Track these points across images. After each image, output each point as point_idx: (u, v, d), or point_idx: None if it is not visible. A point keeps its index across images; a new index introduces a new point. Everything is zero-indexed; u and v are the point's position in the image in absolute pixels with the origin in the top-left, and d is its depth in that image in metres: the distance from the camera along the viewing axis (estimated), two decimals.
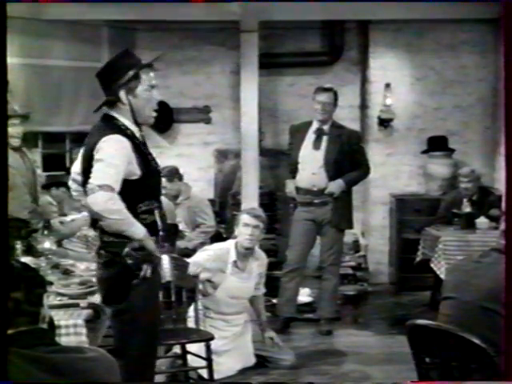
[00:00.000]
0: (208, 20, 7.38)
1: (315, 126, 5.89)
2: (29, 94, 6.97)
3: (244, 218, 4.94)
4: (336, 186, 5.78)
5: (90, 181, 3.14)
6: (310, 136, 5.88)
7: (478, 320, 2.93)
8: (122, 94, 3.30)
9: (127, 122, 3.33)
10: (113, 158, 3.16)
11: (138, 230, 3.19)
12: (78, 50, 7.41)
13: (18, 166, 5.49)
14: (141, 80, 3.32)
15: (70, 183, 3.58)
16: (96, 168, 3.16)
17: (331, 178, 5.78)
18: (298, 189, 5.92)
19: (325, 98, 5.83)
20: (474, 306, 2.97)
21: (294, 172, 5.97)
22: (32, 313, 2.04)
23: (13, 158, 5.17)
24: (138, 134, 3.34)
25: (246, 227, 4.89)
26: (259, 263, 5.07)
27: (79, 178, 3.45)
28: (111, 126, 3.30)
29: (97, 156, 3.19)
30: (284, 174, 7.91)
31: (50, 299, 3.58)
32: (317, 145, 5.83)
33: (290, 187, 5.96)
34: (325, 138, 5.83)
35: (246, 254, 4.95)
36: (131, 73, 3.29)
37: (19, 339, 1.97)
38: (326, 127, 5.86)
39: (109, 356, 2.11)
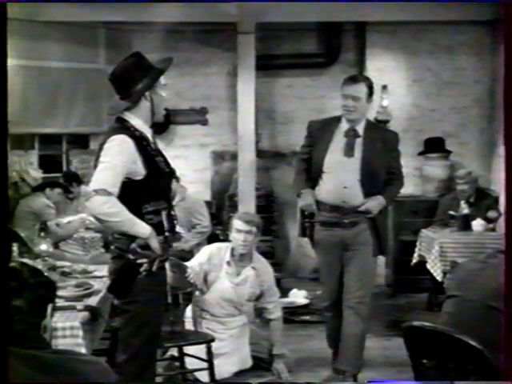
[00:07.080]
0: (205, 21, 7.38)
1: (345, 126, 4.67)
2: (26, 95, 6.97)
3: (236, 223, 4.76)
4: (376, 203, 4.63)
5: (90, 185, 3.25)
6: (340, 139, 4.66)
7: (481, 318, 2.93)
8: (147, 94, 3.38)
9: (140, 123, 3.39)
10: (113, 159, 3.23)
11: (142, 230, 3.26)
12: (74, 51, 7.42)
13: None
14: (159, 79, 3.44)
15: None
16: (97, 170, 3.26)
17: (366, 193, 4.62)
18: (318, 203, 4.71)
19: (355, 92, 4.61)
20: (479, 304, 2.96)
21: (314, 181, 4.73)
22: (33, 324, 1.99)
23: None
24: (149, 135, 3.41)
25: (239, 233, 4.73)
26: (257, 273, 4.88)
27: None
28: (121, 127, 3.37)
29: (101, 157, 3.28)
30: (281, 175, 7.95)
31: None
32: (349, 151, 4.61)
33: (308, 200, 4.69)
34: (359, 143, 4.64)
35: (241, 259, 4.83)
36: (154, 73, 3.38)
37: (13, 340, 1.93)
38: (359, 128, 4.68)
39: (104, 363, 2.07)
